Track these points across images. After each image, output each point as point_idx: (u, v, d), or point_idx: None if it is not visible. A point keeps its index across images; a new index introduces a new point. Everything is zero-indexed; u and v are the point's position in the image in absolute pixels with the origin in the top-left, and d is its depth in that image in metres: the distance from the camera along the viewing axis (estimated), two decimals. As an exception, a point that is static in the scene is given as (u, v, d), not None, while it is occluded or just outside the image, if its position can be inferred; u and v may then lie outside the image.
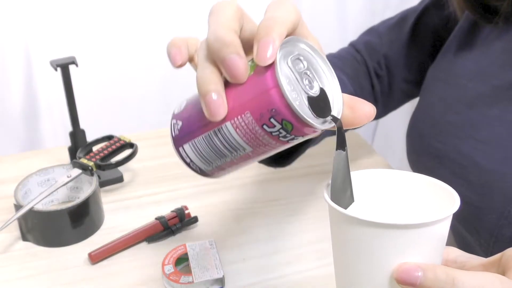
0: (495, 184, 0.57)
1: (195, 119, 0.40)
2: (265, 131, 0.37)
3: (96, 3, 1.17)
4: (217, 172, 0.43)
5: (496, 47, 0.60)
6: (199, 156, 0.41)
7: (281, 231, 0.70)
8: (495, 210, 0.58)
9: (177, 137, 0.41)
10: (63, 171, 0.73)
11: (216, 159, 0.40)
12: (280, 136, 0.37)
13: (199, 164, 0.42)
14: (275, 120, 0.36)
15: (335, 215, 0.39)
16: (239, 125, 0.37)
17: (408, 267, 0.37)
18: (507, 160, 0.57)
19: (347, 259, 0.40)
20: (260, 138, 0.37)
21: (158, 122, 1.29)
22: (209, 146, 0.39)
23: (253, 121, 0.36)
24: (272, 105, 0.35)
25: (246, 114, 0.37)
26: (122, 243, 0.66)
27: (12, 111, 1.19)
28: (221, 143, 0.39)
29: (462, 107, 0.62)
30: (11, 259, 0.65)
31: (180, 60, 0.42)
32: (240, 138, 0.38)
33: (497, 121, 0.58)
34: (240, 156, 0.39)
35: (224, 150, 0.39)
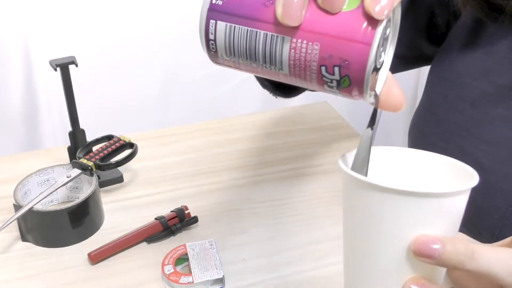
0: (498, 184, 0.57)
1: (252, 5, 0.34)
2: (319, 71, 0.33)
3: (96, 3, 1.17)
4: (226, 64, 0.38)
5: (501, 46, 0.60)
6: (228, 43, 0.35)
7: (281, 231, 0.70)
8: (497, 210, 0.57)
9: (216, 8, 0.35)
10: (63, 171, 0.73)
11: (243, 57, 0.36)
12: (326, 83, 0.34)
13: (219, 48, 0.36)
14: (338, 70, 0.33)
15: (352, 184, 0.37)
16: (298, 49, 0.33)
17: (426, 239, 0.35)
18: (510, 160, 0.57)
19: (363, 231, 0.38)
20: (307, 73, 0.34)
21: (158, 122, 1.30)
22: (247, 42, 0.35)
23: (316, 56, 0.33)
24: (349, 57, 0.32)
25: (314, 44, 0.33)
26: (122, 243, 0.66)
27: (12, 111, 1.19)
28: (264, 49, 0.34)
29: (465, 106, 0.62)
30: (10, 259, 0.65)
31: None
32: (287, 59, 0.34)
33: (501, 120, 0.58)
34: (267, 70, 0.36)
35: (259, 56, 0.35)
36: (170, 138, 0.91)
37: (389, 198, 0.36)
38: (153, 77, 1.30)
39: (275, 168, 0.82)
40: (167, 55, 1.28)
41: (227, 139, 0.90)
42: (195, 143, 0.89)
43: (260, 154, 0.86)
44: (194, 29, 1.17)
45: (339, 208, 0.75)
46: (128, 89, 1.28)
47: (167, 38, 1.26)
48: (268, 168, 0.83)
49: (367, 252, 0.38)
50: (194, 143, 0.89)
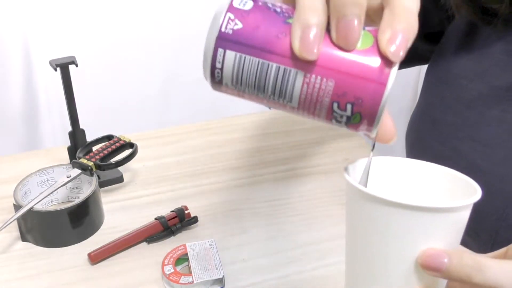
0: (494, 186, 0.57)
1: (264, 36, 0.34)
2: (330, 107, 0.33)
3: (96, 3, 1.17)
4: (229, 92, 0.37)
5: (496, 48, 0.60)
6: (236, 73, 0.35)
7: (281, 231, 0.70)
8: (494, 212, 0.57)
9: (226, 37, 0.34)
10: (63, 171, 0.73)
11: (250, 87, 0.35)
12: (335, 118, 0.34)
13: (225, 76, 0.35)
14: (351, 108, 0.33)
15: (358, 197, 0.37)
16: (311, 84, 0.33)
17: (434, 252, 0.36)
18: (506, 162, 0.57)
19: (367, 244, 0.38)
20: (317, 108, 0.34)
21: (158, 122, 1.30)
22: (257, 74, 0.34)
23: (330, 92, 0.33)
24: (364, 96, 0.33)
25: (329, 80, 0.33)
26: (122, 243, 0.66)
27: (12, 111, 1.19)
28: (274, 82, 0.34)
29: (461, 107, 0.62)
30: (10, 259, 0.65)
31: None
32: (299, 93, 0.34)
33: (497, 122, 0.58)
34: (274, 101, 0.35)
35: (268, 88, 0.34)
36: (170, 138, 0.91)
37: (395, 212, 0.36)
38: (153, 77, 1.30)
39: (275, 168, 0.82)
40: (167, 55, 1.28)
41: (227, 139, 0.90)
42: (195, 143, 0.89)
43: (260, 154, 0.86)
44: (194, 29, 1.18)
45: (339, 208, 0.76)
46: (128, 89, 1.28)
47: (167, 38, 1.26)
48: (268, 168, 0.83)
49: (370, 265, 0.38)
50: (194, 143, 0.89)
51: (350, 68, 0.33)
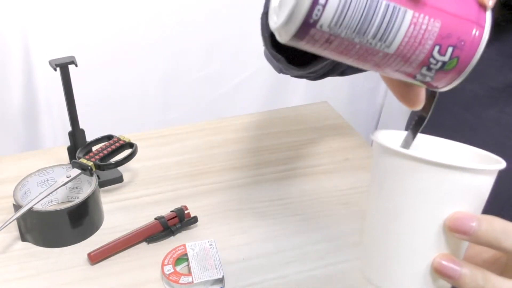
0: (492, 188, 0.57)
1: None
2: (430, 51, 0.33)
3: (96, 3, 1.17)
4: (314, 39, 0.33)
5: (492, 49, 0.60)
6: (340, 11, 0.32)
7: (281, 231, 0.70)
8: (490, 214, 0.57)
9: None
10: (63, 171, 0.73)
11: (350, 29, 0.32)
12: (428, 66, 0.34)
13: (326, 15, 0.32)
14: (451, 51, 0.33)
15: (385, 154, 0.38)
16: (418, 24, 0.32)
17: (463, 215, 0.36)
18: None
19: (394, 206, 0.38)
20: (416, 52, 0.33)
21: (158, 122, 1.30)
22: (364, 12, 0.32)
23: (435, 34, 0.32)
24: (466, 39, 0.33)
25: (436, 21, 0.32)
26: (122, 243, 0.66)
27: (11, 111, 1.19)
28: (380, 22, 0.32)
29: (458, 109, 0.62)
30: (10, 259, 0.65)
31: None
32: (403, 34, 0.32)
33: (493, 122, 0.58)
34: (369, 47, 0.33)
35: (371, 29, 0.32)
36: (170, 138, 0.91)
37: (422, 169, 0.36)
38: (153, 77, 1.30)
39: (275, 168, 0.82)
40: (167, 55, 1.28)
41: (227, 139, 0.90)
42: (195, 143, 0.89)
43: (260, 154, 0.86)
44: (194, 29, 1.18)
45: (339, 208, 0.76)
46: (128, 89, 1.28)
47: (167, 38, 1.26)
48: (268, 168, 0.83)
49: (394, 225, 0.38)
50: (194, 143, 0.89)
51: (456, 9, 0.33)
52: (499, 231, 0.35)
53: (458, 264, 0.36)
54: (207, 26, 1.28)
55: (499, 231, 0.35)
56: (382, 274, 0.40)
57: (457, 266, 0.36)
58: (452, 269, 0.36)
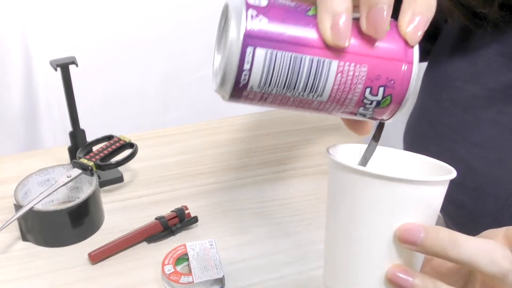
0: (489, 188, 0.57)
1: (293, 30, 0.33)
2: (362, 94, 0.34)
3: (96, 3, 1.17)
4: (250, 98, 0.36)
5: (491, 49, 0.60)
6: (266, 72, 0.33)
7: (281, 231, 0.70)
8: (489, 214, 0.57)
9: (253, 34, 0.33)
10: (63, 171, 0.73)
11: (280, 86, 0.34)
12: (364, 106, 0.35)
13: (253, 78, 0.33)
14: (383, 91, 0.34)
15: (336, 169, 0.39)
16: (345, 72, 0.33)
17: (411, 226, 0.37)
18: (501, 164, 0.57)
19: (347, 219, 0.39)
20: (348, 97, 0.34)
21: (158, 122, 1.30)
22: (290, 69, 0.33)
23: (363, 78, 0.34)
24: (396, 77, 0.34)
25: (362, 66, 0.33)
26: (122, 243, 0.66)
27: (12, 111, 1.19)
28: (307, 75, 0.33)
29: (457, 109, 0.62)
30: (11, 259, 0.65)
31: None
32: (332, 83, 0.34)
33: (492, 123, 0.58)
34: (302, 98, 0.34)
35: (300, 83, 0.34)
36: (170, 138, 0.91)
37: (376, 184, 0.37)
38: (153, 77, 1.30)
39: (275, 168, 0.82)
40: (167, 55, 1.28)
41: (227, 139, 0.90)
42: (195, 143, 0.89)
43: (260, 154, 0.86)
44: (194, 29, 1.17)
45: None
46: (128, 89, 1.28)
47: (167, 38, 1.26)
48: (268, 168, 0.83)
49: (348, 237, 0.39)
50: (194, 143, 0.89)
51: (381, 51, 0.34)
52: (446, 241, 0.36)
53: (410, 274, 0.37)
54: (207, 26, 1.28)
55: (446, 240, 0.36)
56: (340, 283, 0.41)
57: (409, 277, 0.37)
58: (404, 279, 0.37)
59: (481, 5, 0.57)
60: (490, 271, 0.36)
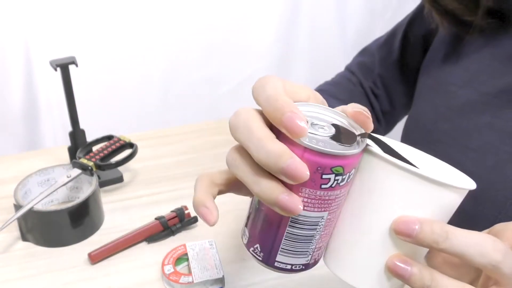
0: (486, 192, 0.57)
1: (268, 232, 0.41)
2: (325, 189, 0.37)
3: (96, 3, 1.17)
4: (317, 255, 0.43)
5: (484, 54, 0.61)
6: (295, 254, 0.41)
7: (281, 231, 0.70)
8: (488, 218, 0.58)
9: (266, 258, 0.42)
10: (63, 171, 0.73)
11: (309, 244, 0.41)
12: (339, 183, 0.38)
13: (300, 261, 0.42)
14: (326, 174, 0.37)
15: (368, 156, 0.39)
16: (304, 203, 0.37)
17: (407, 219, 0.37)
18: (497, 168, 0.57)
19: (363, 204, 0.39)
20: (327, 198, 0.38)
21: (158, 122, 1.30)
22: (296, 240, 0.40)
23: (311, 190, 0.37)
24: (315, 165, 0.36)
25: (302, 189, 0.37)
26: (122, 243, 0.66)
27: (12, 111, 1.19)
28: (302, 228, 0.39)
29: (452, 114, 0.62)
30: (11, 259, 0.65)
31: (214, 219, 0.45)
32: (312, 212, 0.38)
33: (487, 128, 0.59)
34: (324, 226, 0.40)
35: (309, 232, 0.40)
36: (170, 138, 0.91)
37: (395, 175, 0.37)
38: (153, 77, 1.30)
39: (275, 168, 0.82)
40: (167, 56, 1.28)
41: (227, 139, 0.90)
42: (195, 143, 0.90)
43: (260, 154, 0.86)
44: (194, 30, 1.17)
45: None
46: (128, 89, 1.29)
47: (167, 38, 1.26)
48: (268, 168, 0.82)
49: (357, 223, 0.40)
50: (194, 143, 0.89)
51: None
52: (438, 233, 0.37)
53: (409, 264, 0.38)
54: (207, 26, 1.28)
55: (438, 233, 0.37)
56: (341, 264, 0.42)
57: (407, 266, 0.38)
58: (402, 268, 0.38)
59: (466, 13, 0.59)
60: (480, 263, 0.37)
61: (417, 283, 0.38)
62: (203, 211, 0.45)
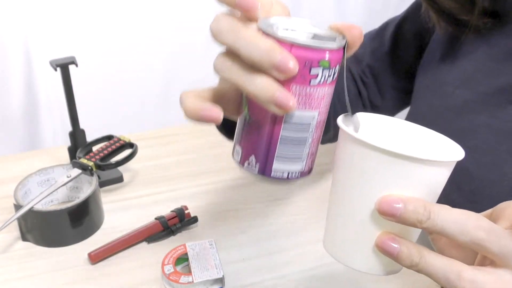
0: (485, 191, 0.57)
1: (262, 140, 0.42)
2: (315, 85, 0.39)
3: (96, 3, 1.17)
4: (310, 162, 0.44)
5: (480, 54, 0.61)
6: (290, 160, 0.42)
7: (281, 231, 0.70)
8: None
9: (262, 168, 0.44)
10: (63, 171, 0.73)
11: (302, 147, 0.42)
12: (326, 79, 0.39)
13: (295, 168, 0.43)
14: (314, 68, 0.38)
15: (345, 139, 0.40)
16: (296, 102, 0.39)
17: (390, 198, 0.37)
18: (495, 167, 0.57)
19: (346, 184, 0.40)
20: (317, 95, 0.39)
21: (158, 122, 1.30)
22: (290, 143, 0.41)
23: (302, 87, 0.39)
24: (303, 60, 0.37)
25: (292, 87, 0.39)
26: (122, 243, 0.66)
27: (12, 111, 1.19)
28: (296, 130, 0.40)
29: (450, 114, 0.62)
30: (11, 259, 0.65)
31: (220, 114, 0.43)
32: (304, 111, 0.40)
33: (485, 128, 0.59)
34: (315, 127, 0.41)
35: (302, 134, 0.41)
36: (170, 138, 0.91)
37: (373, 156, 0.37)
38: (153, 77, 1.30)
39: (275, 168, 0.82)
40: (167, 55, 1.28)
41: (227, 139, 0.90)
42: (195, 143, 0.90)
43: (260, 154, 0.86)
44: (194, 30, 1.17)
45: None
46: (128, 89, 1.28)
47: (167, 38, 1.26)
48: (268, 168, 0.83)
49: (348, 204, 0.40)
50: (194, 143, 0.89)
51: None
52: (421, 212, 0.37)
53: (397, 242, 0.38)
54: (207, 26, 1.28)
55: (421, 212, 0.37)
56: (335, 245, 0.43)
57: (396, 244, 0.38)
58: (391, 246, 0.38)
59: (462, 12, 0.59)
60: (462, 240, 0.37)
61: (406, 261, 0.38)
62: (204, 113, 0.43)
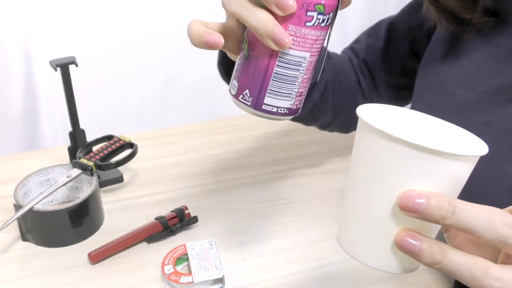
0: (485, 189, 0.57)
1: (257, 76, 0.45)
2: (309, 27, 0.43)
3: (96, 3, 1.17)
4: (298, 101, 0.48)
5: (482, 53, 0.61)
6: (281, 95, 0.46)
7: (281, 231, 0.70)
8: None
9: (254, 102, 0.47)
10: (63, 171, 0.73)
11: (293, 85, 0.46)
12: (321, 23, 0.44)
13: (284, 104, 0.47)
14: (310, 12, 0.43)
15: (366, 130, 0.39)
16: (292, 41, 0.43)
17: (412, 193, 0.36)
18: (495, 166, 0.57)
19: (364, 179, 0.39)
20: (310, 37, 0.44)
21: (158, 122, 1.30)
22: (282, 80, 0.45)
23: (297, 27, 0.43)
24: (301, 2, 0.42)
25: (289, 27, 0.43)
26: (122, 243, 0.66)
27: (12, 111, 1.19)
28: (288, 68, 0.45)
29: (451, 114, 0.62)
30: (10, 259, 0.65)
31: (221, 39, 0.46)
32: (297, 50, 0.44)
33: (485, 127, 0.59)
34: (306, 69, 0.45)
35: (293, 72, 0.45)
36: (170, 138, 0.91)
37: (397, 148, 0.36)
38: (153, 77, 1.30)
39: (275, 168, 0.82)
40: (167, 56, 1.28)
41: (227, 139, 0.90)
42: (195, 143, 0.90)
43: (260, 154, 0.86)
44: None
45: (338, 208, 0.75)
46: (128, 89, 1.28)
47: (167, 38, 1.26)
48: (268, 168, 0.83)
49: (366, 198, 0.39)
50: (194, 143, 0.89)
51: None
52: (445, 208, 0.35)
53: (417, 239, 0.37)
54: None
55: (445, 208, 0.35)
56: (349, 242, 0.41)
57: (416, 241, 0.37)
58: (411, 244, 0.37)
59: (464, 11, 0.59)
60: (488, 238, 0.35)
61: (427, 259, 0.36)
62: (208, 37, 0.46)
